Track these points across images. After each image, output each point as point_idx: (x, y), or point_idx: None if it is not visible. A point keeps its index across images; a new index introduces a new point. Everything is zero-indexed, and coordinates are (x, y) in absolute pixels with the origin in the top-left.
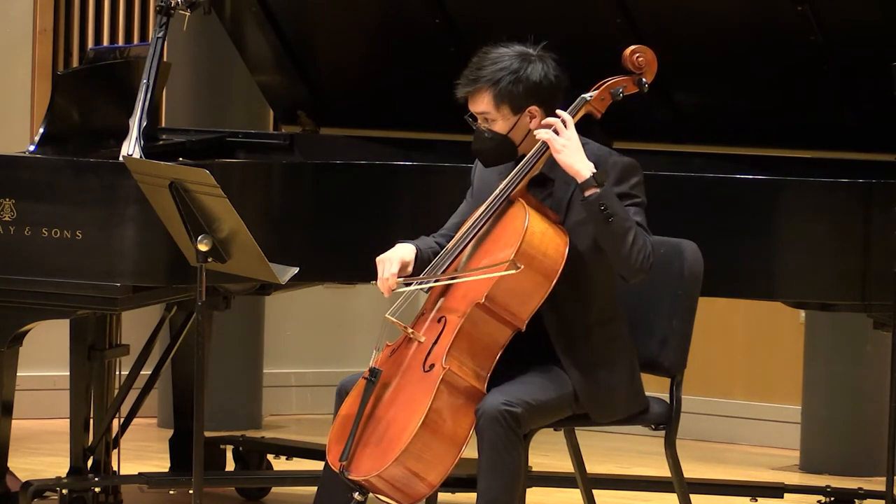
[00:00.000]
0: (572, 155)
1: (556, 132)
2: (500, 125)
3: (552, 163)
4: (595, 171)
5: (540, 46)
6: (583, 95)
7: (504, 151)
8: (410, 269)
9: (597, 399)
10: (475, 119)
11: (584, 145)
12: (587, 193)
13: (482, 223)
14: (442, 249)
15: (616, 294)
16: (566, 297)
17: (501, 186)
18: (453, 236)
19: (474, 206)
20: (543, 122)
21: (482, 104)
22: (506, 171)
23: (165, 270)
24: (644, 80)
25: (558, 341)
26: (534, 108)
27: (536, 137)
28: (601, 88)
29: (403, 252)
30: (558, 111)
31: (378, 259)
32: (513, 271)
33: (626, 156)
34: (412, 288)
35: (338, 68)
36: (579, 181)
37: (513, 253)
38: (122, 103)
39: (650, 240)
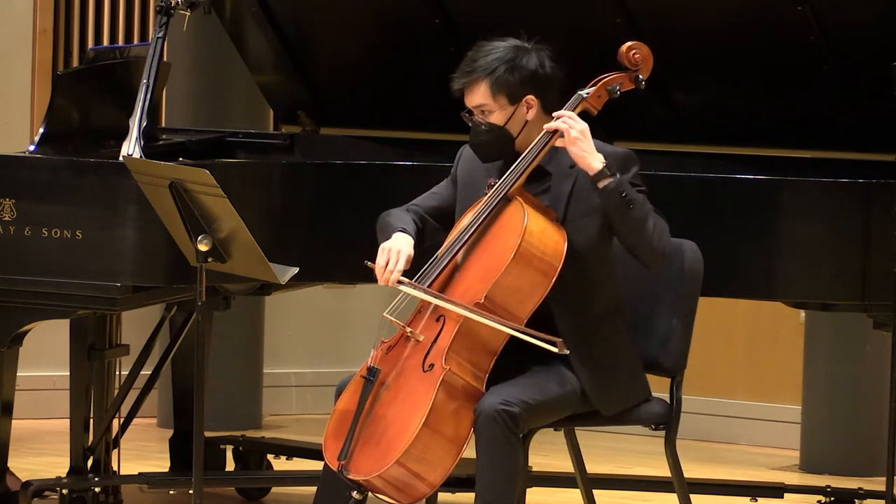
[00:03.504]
0: (586, 146)
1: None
2: (498, 116)
3: (550, 156)
4: (605, 161)
5: (534, 41)
6: (579, 92)
7: (502, 144)
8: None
9: (605, 391)
10: (472, 114)
11: None
12: (603, 184)
13: (479, 222)
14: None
15: (616, 285)
16: (573, 293)
17: (499, 184)
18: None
19: (460, 200)
20: (555, 114)
21: (478, 96)
22: (493, 168)
23: (165, 270)
24: (640, 76)
25: (570, 338)
26: (531, 98)
27: (548, 127)
28: (598, 85)
29: (408, 246)
30: (559, 111)
31: (384, 247)
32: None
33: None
34: (407, 290)
35: (338, 68)
36: (591, 173)
37: (513, 252)
38: (122, 103)
39: (662, 222)
